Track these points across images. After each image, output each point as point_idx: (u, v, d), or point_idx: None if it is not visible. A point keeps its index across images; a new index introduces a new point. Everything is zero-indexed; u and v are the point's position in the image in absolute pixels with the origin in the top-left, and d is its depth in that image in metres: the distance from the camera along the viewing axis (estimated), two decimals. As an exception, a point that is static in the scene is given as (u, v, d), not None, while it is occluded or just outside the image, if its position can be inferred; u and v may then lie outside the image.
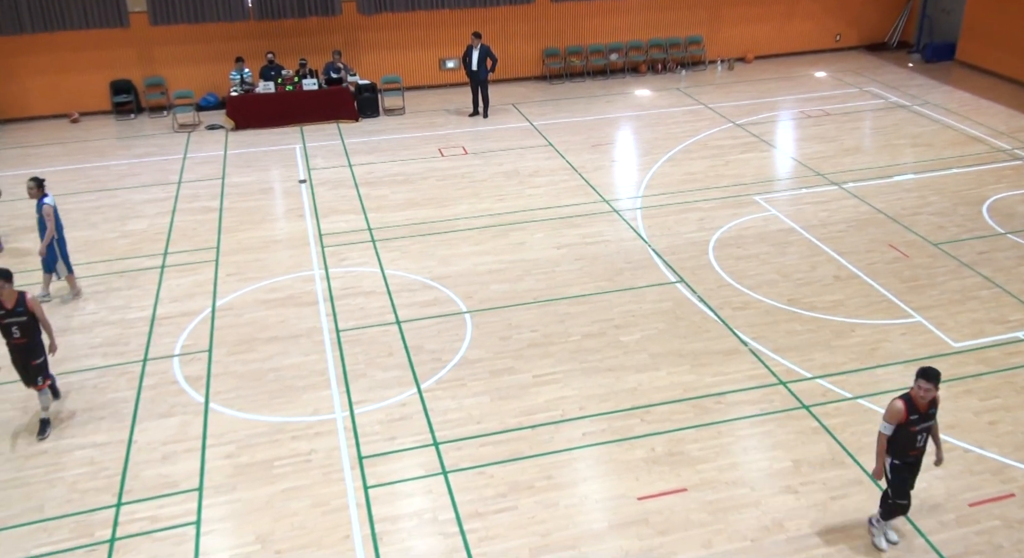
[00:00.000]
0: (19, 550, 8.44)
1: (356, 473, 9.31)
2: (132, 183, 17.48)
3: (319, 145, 19.46)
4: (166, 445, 9.84)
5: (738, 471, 9.21)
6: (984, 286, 12.63)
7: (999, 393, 10.33)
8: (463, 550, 8.30)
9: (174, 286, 13.29)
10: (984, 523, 8.46)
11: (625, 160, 18.16)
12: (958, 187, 16.07)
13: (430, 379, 10.85)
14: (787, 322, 11.86)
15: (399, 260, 13.89)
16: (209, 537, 8.55)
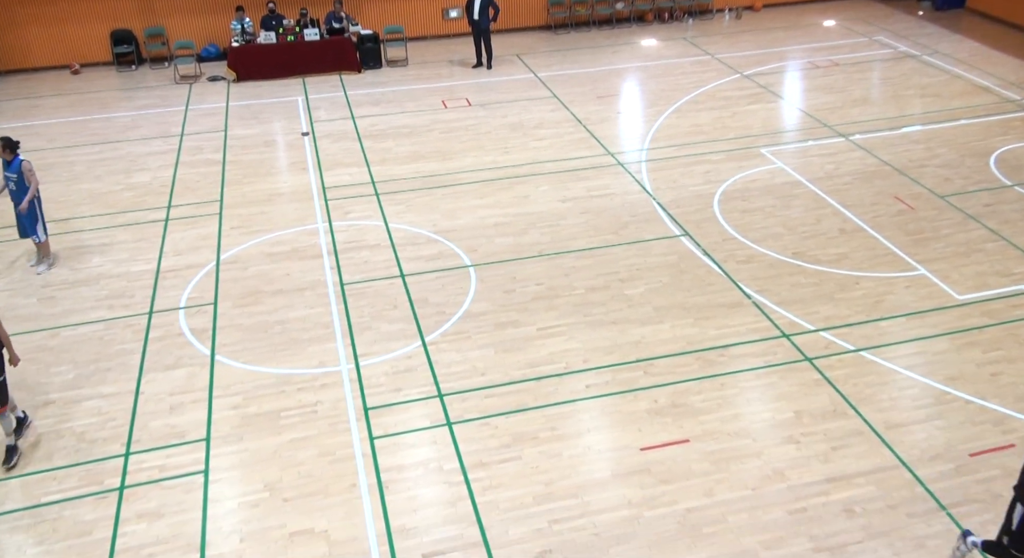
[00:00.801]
0: (30, 498, 8.59)
1: (362, 424, 9.41)
2: (135, 135, 17.41)
3: (321, 97, 19.31)
4: (173, 396, 9.93)
5: (740, 422, 9.29)
6: (989, 238, 12.59)
7: (1002, 345, 10.36)
8: (468, 498, 8.42)
9: (178, 239, 13.31)
10: (984, 473, 8.54)
11: (631, 112, 18.01)
12: (966, 139, 15.93)
13: (435, 332, 10.90)
14: (791, 275, 11.86)
15: (403, 213, 13.87)
16: (217, 485, 8.68)
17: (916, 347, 10.36)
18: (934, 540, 7.82)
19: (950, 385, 9.72)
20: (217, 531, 8.15)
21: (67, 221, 13.93)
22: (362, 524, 8.17)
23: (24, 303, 11.77)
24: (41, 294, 11.96)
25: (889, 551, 7.73)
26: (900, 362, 10.10)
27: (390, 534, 8.06)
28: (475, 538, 7.99)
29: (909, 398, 9.55)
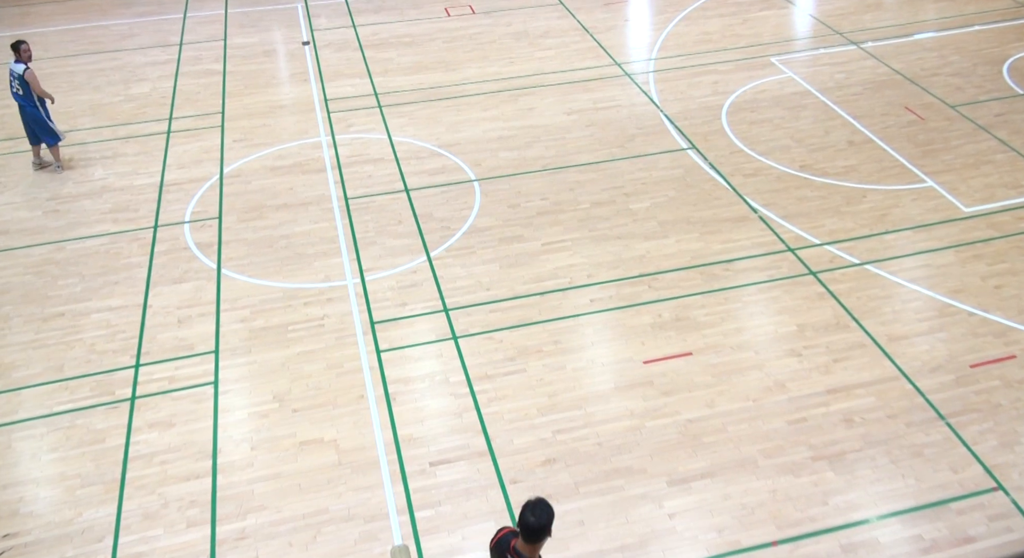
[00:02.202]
0: (43, 407, 8.76)
1: (368, 338, 9.51)
2: (133, 45, 17.09)
3: (322, 3, 18.86)
4: (180, 309, 10.02)
5: (743, 336, 9.36)
6: (999, 150, 12.44)
7: (1007, 258, 10.34)
8: (473, 409, 8.57)
9: (181, 152, 13.21)
10: (984, 383, 8.65)
11: (638, 19, 17.59)
12: (979, 45, 15.57)
13: (439, 247, 10.91)
14: (798, 189, 11.77)
15: (406, 126, 13.71)
16: (227, 396, 8.84)
17: (921, 260, 10.36)
18: (932, 449, 7.97)
19: (954, 298, 9.75)
20: (228, 440, 8.34)
21: (68, 133, 13.79)
22: (370, 434, 8.34)
23: (30, 216, 11.77)
24: (46, 207, 11.95)
25: (887, 459, 7.89)
26: (904, 275, 10.11)
27: (398, 443, 8.23)
28: (481, 447, 8.16)
29: (912, 311, 9.60)
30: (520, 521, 5.12)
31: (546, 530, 5.09)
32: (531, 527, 5.05)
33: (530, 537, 5.09)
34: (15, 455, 8.28)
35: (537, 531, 5.06)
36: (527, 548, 5.17)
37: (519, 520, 5.14)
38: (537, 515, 5.05)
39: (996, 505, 7.46)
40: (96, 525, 7.57)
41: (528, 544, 5.15)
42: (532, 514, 5.06)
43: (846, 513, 7.45)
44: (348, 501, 7.70)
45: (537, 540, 5.11)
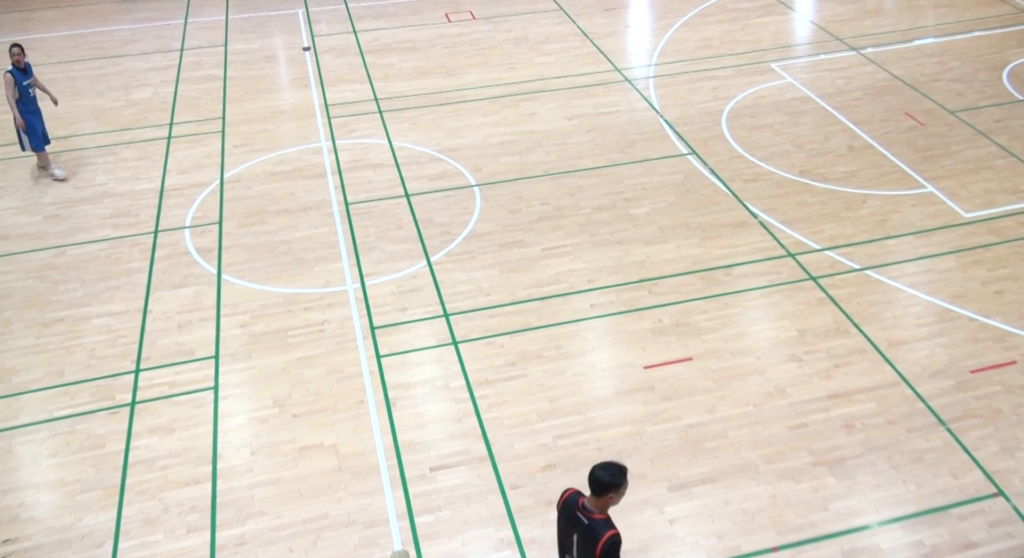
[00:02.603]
0: (44, 412, 8.76)
1: (369, 343, 9.51)
2: (134, 50, 17.12)
3: (322, 9, 18.90)
4: (181, 314, 10.02)
5: (744, 341, 9.36)
6: (999, 155, 12.45)
7: (1008, 263, 10.35)
8: (474, 414, 8.56)
9: (182, 157, 13.22)
10: (984, 388, 8.64)
11: (638, 25, 17.62)
12: (979, 51, 15.60)
13: (440, 252, 10.91)
14: (798, 194, 11.78)
15: (407, 132, 13.72)
16: (227, 401, 8.83)
17: (921, 265, 10.36)
18: (932, 454, 7.97)
19: (954, 303, 9.75)
20: (228, 445, 8.34)
21: (69, 139, 13.83)
22: (370, 439, 8.34)
23: (30, 221, 11.78)
24: (47, 212, 11.97)
25: (887, 465, 7.88)
26: (905, 280, 10.12)
27: (398, 448, 8.23)
28: (481, 453, 8.16)
29: (912, 316, 9.60)
30: (591, 477, 5.36)
31: (613, 486, 5.33)
32: (602, 482, 5.31)
33: (600, 491, 5.34)
34: (15, 460, 8.28)
35: (606, 486, 5.31)
36: (596, 503, 5.40)
37: (590, 477, 5.37)
38: (609, 472, 5.32)
39: (997, 511, 7.45)
40: (96, 530, 7.56)
41: (597, 498, 5.39)
42: (602, 470, 5.34)
43: (847, 519, 7.44)
44: (348, 506, 7.70)
45: (604, 494, 5.35)
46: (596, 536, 5.33)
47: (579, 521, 5.44)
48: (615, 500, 5.41)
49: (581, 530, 5.43)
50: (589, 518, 5.39)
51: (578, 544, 5.49)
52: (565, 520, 5.59)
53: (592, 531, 5.35)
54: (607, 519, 5.38)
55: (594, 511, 5.40)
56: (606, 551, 5.30)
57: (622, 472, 5.34)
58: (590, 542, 5.36)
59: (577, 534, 5.47)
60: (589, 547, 5.37)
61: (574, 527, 5.49)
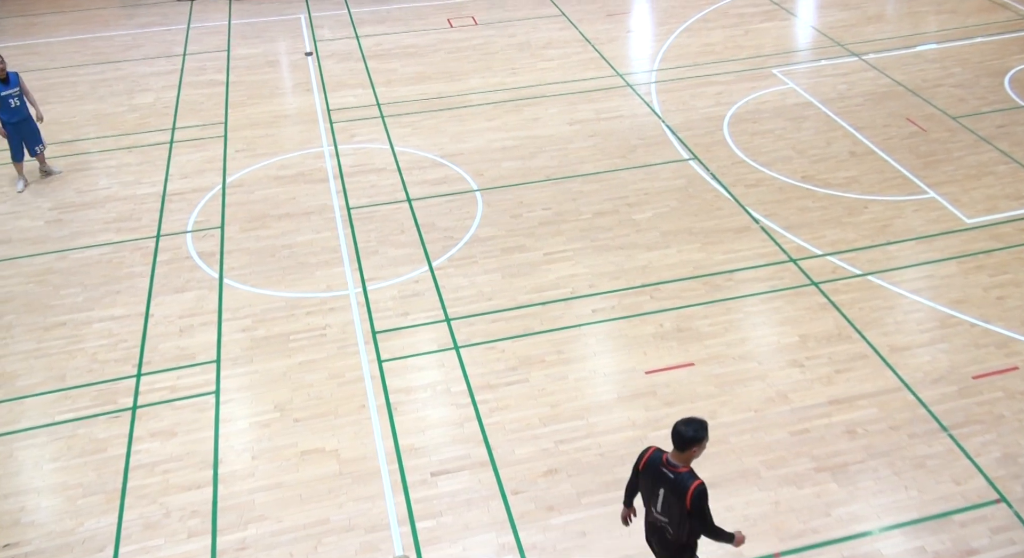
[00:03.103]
0: (44, 417, 8.76)
1: (370, 347, 9.51)
2: (137, 55, 17.16)
3: (325, 15, 18.93)
4: (182, 318, 10.03)
5: (745, 346, 9.36)
6: (1001, 161, 12.45)
7: (1009, 269, 10.34)
8: (475, 419, 8.56)
9: (184, 162, 13.24)
10: (986, 394, 8.63)
11: (641, 31, 17.65)
12: (981, 57, 15.61)
13: (442, 257, 10.92)
14: (800, 199, 11.78)
15: (409, 136, 13.74)
16: (229, 406, 8.83)
17: (923, 271, 10.35)
18: (934, 460, 7.95)
19: (956, 309, 9.74)
20: (229, 449, 8.33)
21: (71, 143, 13.85)
22: (371, 444, 8.33)
23: (31, 226, 11.79)
24: (48, 217, 11.98)
25: (889, 471, 7.87)
26: (906, 286, 10.11)
27: (399, 453, 8.22)
28: (482, 457, 8.15)
29: (914, 322, 9.59)
30: (674, 433, 5.69)
31: (695, 441, 5.64)
32: (685, 437, 5.64)
33: (683, 446, 5.67)
34: (17, 464, 8.28)
35: (689, 441, 5.64)
36: (680, 457, 5.73)
37: (673, 433, 5.70)
38: (691, 427, 5.65)
39: (999, 517, 7.43)
40: (97, 535, 7.56)
41: (681, 453, 5.71)
42: (685, 426, 5.66)
43: (849, 525, 7.42)
44: (349, 511, 7.69)
45: (688, 448, 5.67)
46: (684, 488, 5.68)
47: (664, 476, 5.78)
48: (697, 454, 5.75)
49: (667, 484, 5.77)
50: (674, 472, 5.73)
51: (665, 498, 5.82)
52: (650, 477, 5.90)
53: (679, 484, 5.70)
54: (691, 471, 5.72)
55: (678, 465, 5.74)
56: (695, 500, 5.67)
57: (703, 427, 5.67)
58: (678, 494, 5.70)
59: (663, 488, 5.81)
60: (678, 499, 5.71)
61: (660, 482, 5.82)
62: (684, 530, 5.85)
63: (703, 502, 5.70)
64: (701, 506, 5.70)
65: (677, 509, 5.76)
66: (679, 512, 5.76)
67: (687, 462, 5.75)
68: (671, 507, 5.80)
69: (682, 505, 5.71)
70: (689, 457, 5.73)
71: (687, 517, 5.75)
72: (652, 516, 6.06)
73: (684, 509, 5.71)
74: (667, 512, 5.87)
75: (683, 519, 5.78)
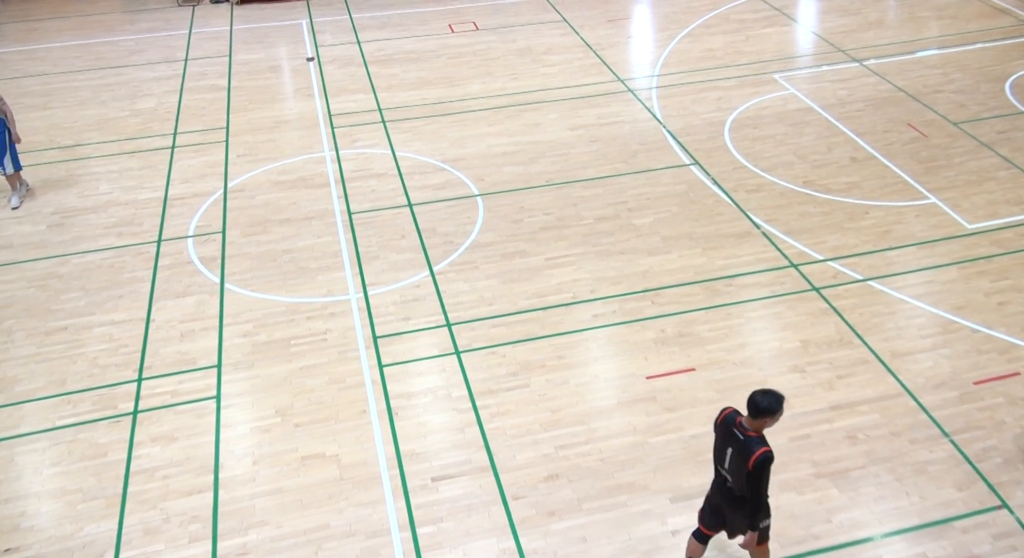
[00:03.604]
0: (46, 421, 8.76)
1: (371, 352, 9.51)
2: (139, 60, 17.18)
3: (326, 20, 18.97)
4: (183, 323, 10.03)
5: (746, 351, 9.35)
6: (1002, 167, 12.45)
7: (1010, 274, 10.33)
8: (476, 424, 8.55)
9: (186, 166, 13.25)
10: (988, 400, 8.62)
11: (642, 36, 17.67)
12: (982, 63, 15.62)
13: (443, 261, 10.92)
14: (801, 204, 11.78)
15: (410, 142, 13.75)
16: (230, 410, 8.83)
17: (924, 276, 10.35)
18: (936, 466, 7.94)
19: (957, 314, 9.74)
20: (230, 454, 8.32)
21: (73, 148, 13.87)
22: (372, 449, 8.33)
23: (33, 231, 11.80)
24: (50, 221, 11.99)
25: (891, 476, 7.85)
26: (908, 291, 10.10)
27: (400, 458, 8.22)
28: (483, 463, 8.14)
29: (916, 327, 9.58)
30: (749, 401, 5.94)
31: (769, 412, 5.90)
32: (760, 407, 5.90)
33: (757, 414, 5.93)
34: (17, 469, 8.27)
35: (763, 411, 5.90)
36: (752, 423, 6.00)
37: (749, 400, 5.95)
38: (767, 398, 5.90)
39: (1000, 524, 7.42)
40: (97, 540, 7.55)
41: (753, 420, 5.98)
42: (762, 396, 5.91)
43: (850, 531, 7.41)
44: (349, 517, 7.68)
45: (760, 417, 5.94)
46: (749, 451, 5.94)
47: (735, 437, 6.07)
48: (770, 424, 5.99)
49: (736, 445, 6.05)
50: (745, 435, 6.01)
51: (732, 458, 6.12)
52: (722, 435, 6.20)
53: (746, 447, 5.97)
54: (761, 437, 5.99)
55: (749, 430, 6.01)
56: (757, 465, 5.92)
57: (779, 400, 5.91)
58: (744, 457, 5.98)
59: (732, 448, 6.10)
60: (742, 461, 5.99)
61: (730, 442, 6.12)
62: (746, 491, 6.12)
63: (763, 470, 5.95)
64: (760, 473, 5.95)
65: (741, 470, 6.04)
66: (742, 473, 6.04)
67: (759, 429, 6.01)
68: (736, 467, 6.10)
69: (745, 467, 5.98)
70: (761, 425, 5.99)
71: (748, 479, 6.02)
72: (718, 471, 6.40)
73: (746, 471, 5.98)
74: (732, 471, 6.18)
75: (744, 480, 6.07)
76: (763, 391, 5.96)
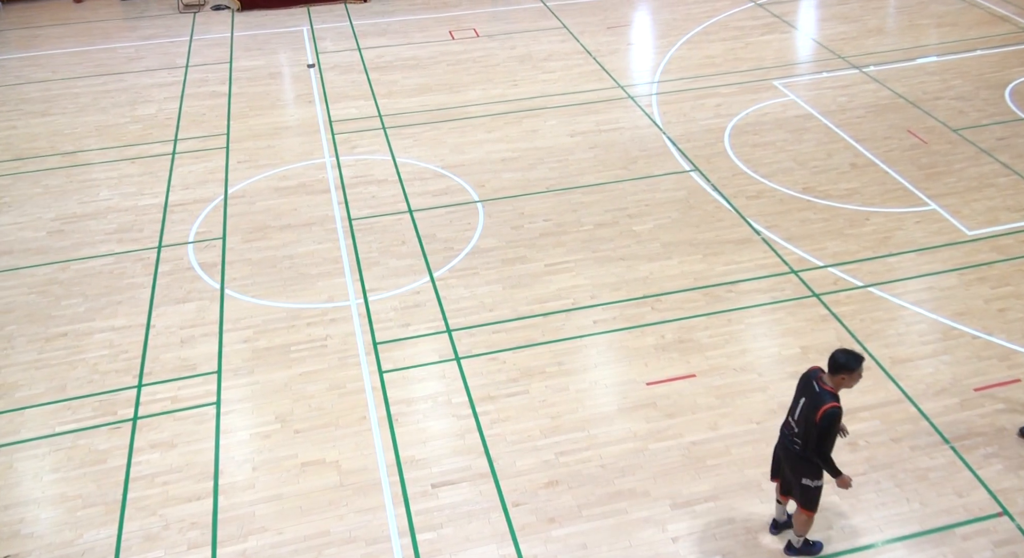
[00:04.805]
0: (46, 427, 8.75)
1: (371, 358, 9.50)
2: (139, 67, 17.21)
3: (327, 27, 19.01)
4: (184, 329, 10.02)
5: (747, 357, 9.34)
6: (1002, 173, 12.46)
7: (1011, 281, 10.33)
8: (476, 431, 8.54)
9: (186, 173, 13.27)
10: (988, 407, 8.61)
11: (641, 43, 17.70)
12: (981, 70, 15.64)
13: (443, 267, 10.92)
14: (801, 211, 11.79)
15: (411, 148, 13.76)
16: (229, 416, 8.82)
17: (924, 283, 10.35)
18: (936, 473, 7.93)
19: (958, 321, 9.73)
20: (230, 460, 8.31)
21: (74, 154, 13.89)
22: (372, 455, 8.32)
23: (34, 237, 11.81)
24: (51, 227, 12.00)
25: (891, 483, 7.84)
26: (908, 298, 10.10)
27: (400, 465, 8.21)
28: (483, 469, 8.13)
29: (916, 334, 9.58)
30: (830, 357, 6.29)
31: (846, 368, 6.22)
32: (837, 362, 6.25)
33: (834, 370, 6.27)
34: (17, 475, 8.26)
35: (839, 367, 6.23)
36: (830, 379, 6.32)
37: (830, 357, 6.30)
38: (845, 355, 6.23)
39: (1001, 531, 7.41)
40: (97, 546, 7.54)
41: (832, 375, 6.31)
42: (841, 353, 6.26)
43: (851, 538, 7.40)
44: (350, 523, 7.67)
45: (837, 373, 6.26)
46: (820, 403, 6.25)
47: (811, 388, 6.38)
48: (847, 383, 6.28)
49: (809, 395, 6.37)
50: (821, 387, 6.32)
51: (803, 408, 6.41)
52: (801, 386, 6.52)
53: (818, 398, 6.28)
54: (835, 393, 6.28)
55: (827, 384, 6.32)
56: (825, 417, 6.21)
57: (857, 359, 6.22)
58: (814, 408, 6.28)
59: (805, 398, 6.41)
60: (812, 412, 6.29)
61: (805, 392, 6.44)
62: (809, 443, 6.39)
63: (830, 422, 6.21)
64: (827, 425, 6.21)
65: (808, 420, 6.31)
66: (809, 423, 6.31)
67: (836, 386, 6.30)
68: (805, 417, 6.36)
69: (813, 418, 6.25)
70: (838, 383, 6.28)
71: (815, 430, 6.28)
72: (788, 422, 6.68)
73: (813, 422, 6.26)
74: (800, 421, 6.45)
75: (810, 431, 6.33)
76: (843, 349, 6.27)
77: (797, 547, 7.19)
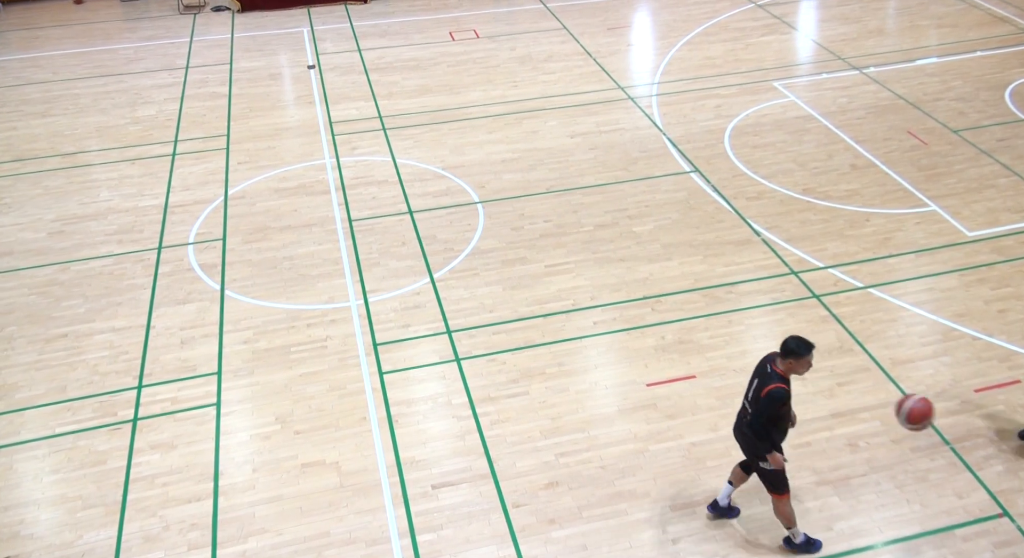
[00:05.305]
0: (45, 428, 8.75)
1: (371, 359, 9.50)
2: (139, 68, 17.22)
3: (327, 28, 19.02)
4: (184, 330, 10.02)
5: (747, 359, 9.34)
6: (1002, 174, 12.46)
7: (1011, 282, 10.33)
8: (476, 432, 8.54)
9: (186, 174, 13.27)
10: (988, 408, 8.61)
11: (642, 44, 17.71)
12: (981, 71, 15.65)
13: (443, 269, 10.92)
14: (801, 212, 11.79)
15: (411, 149, 13.77)
16: (230, 417, 8.82)
17: (925, 284, 10.35)
18: (937, 474, 7.93)
19: (958, 322, 9.73)
20: (230, 461, 8.31)
21: (74, 155, 13.89)
22: (372, 456, 8.32)
23: (34, 238, 11.81)
24: (51, 228, 12.00)
25: (892, 484, 7.84)
26: (908, 299, 10.10)
27: (400, 466, 8.20)
28: (483, 470, 8.13)
29: (916, 335, 9.58)
30: (782, 342, 6.51)
31: (795, 353, 6.42)
32: (787, 347, 6.47)
33: (784, 355, 6.50)
34: (17, 476, 8.26)
35: (788, 352, 6.46)
36: (782, 363, 6.55)
37: (782, 342, 6.52)
38: (796, 341, 6.44)
39: (1002, 532, 7.40)
40: (97, 547, 7.54)
41: (783, 360, 6.54)
42: (793, 340, 6.46)
43: (851, 539, 7.39)
44: (350, 524, 7.67)
45: (786, 358, 6.49)
46: (766, 383, 6.53)
47: (763, 370, 6.64)
48: (795, 368, 6.50)
49: (761, 377, 6.62)
50: (772, 369, 6.57)
51: (754, 389, 6.67)
52: (756, 369, 6.76)
53: (766, 379, 6.55)
54: (783, 375, 6.53)
55: (779, 368, 6.55)
56: (768, 397, 6.48)
57: (806, 346, 6.42)
58: (760, 387, 6.57)
59: (757, 380, 6.66)
60: (759, 391, 6.58)
61: (757, 374, 6.70)
62: (757, 422, 6.62)
63: (772, 403, 6.46)
64: (768, 403, 6.47)
65: (757, 399, 6.57)
66: (757, 402, 6.57)
67: (786, 371, 6.52)
68: (756, 398, 6.60)
69: (759, 396, 6.53)
70: (788, 367, 6.51)
71: (759, 407, 6.55)
72: (743, 405, 6.88)
73: (760, 399, 6.52)
74: (752, 402, 6.68)
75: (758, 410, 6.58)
76: (796, 336, 6.49)
77: (796, 542, 7.19)
